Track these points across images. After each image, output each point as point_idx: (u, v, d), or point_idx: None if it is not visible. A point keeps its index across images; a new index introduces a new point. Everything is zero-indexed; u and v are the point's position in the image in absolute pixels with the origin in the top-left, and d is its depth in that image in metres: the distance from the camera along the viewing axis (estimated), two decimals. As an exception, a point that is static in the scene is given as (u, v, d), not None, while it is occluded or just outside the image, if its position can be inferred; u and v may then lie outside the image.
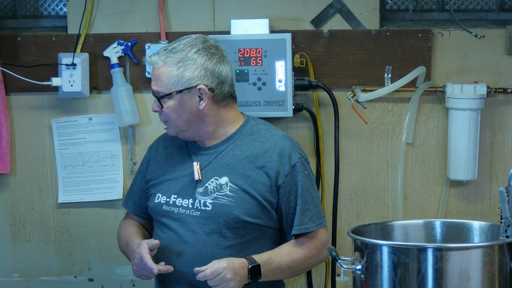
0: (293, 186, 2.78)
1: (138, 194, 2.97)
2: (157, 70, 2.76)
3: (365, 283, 2.33)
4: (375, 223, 2.62)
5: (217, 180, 2.77)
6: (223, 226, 2.73)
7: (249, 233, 2.76)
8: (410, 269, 2.23)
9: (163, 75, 2.74)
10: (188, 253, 2.74)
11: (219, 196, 2.75)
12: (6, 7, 3.58)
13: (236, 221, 2.72)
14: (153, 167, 2.91)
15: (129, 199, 3.02)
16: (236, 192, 2.75)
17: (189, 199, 2.77)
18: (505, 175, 3.38)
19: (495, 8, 3.50)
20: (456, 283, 2.21)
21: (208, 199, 2.75)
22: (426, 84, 3.30)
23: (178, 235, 2.76)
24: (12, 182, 3.47)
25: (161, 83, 2.75)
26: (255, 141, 2.81)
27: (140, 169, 2.99)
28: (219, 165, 2.79)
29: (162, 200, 2.81)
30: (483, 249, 2.24)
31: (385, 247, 2.28)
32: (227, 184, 2.75)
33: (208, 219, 2.74)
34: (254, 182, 2.75)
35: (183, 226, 2.76)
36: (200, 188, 2.77)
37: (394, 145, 3.40)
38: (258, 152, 2.78)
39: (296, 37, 3.33)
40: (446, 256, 2.21)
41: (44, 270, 3.51)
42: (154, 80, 2.77)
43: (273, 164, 2.76)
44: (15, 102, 3.44)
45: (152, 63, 2.76)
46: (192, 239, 2.74)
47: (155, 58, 2.75)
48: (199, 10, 3.38)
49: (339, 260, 2.39)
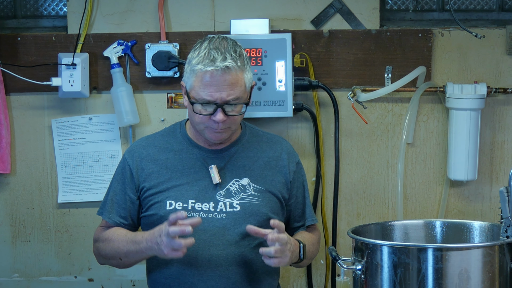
0: (300, 181, 2.89)
1: (123, 206, 2.80)
2: (233, 76, 2.62)
3: (365, 283, 2.33)
4: (375, 223, 2.63)
5: (238, 182, 2.76)
6: (254, 225, 2.68)
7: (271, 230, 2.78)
8: (410, 269, 2.23)
9: (241, 81, 2.63)
10: (221, 256, 2.70)
11: (245, 196, 2.74)
12: (6, 7, 3.58)
13: (266, 219, 2.72)
14: (148, 175, 2.78)
15: (111, 212, 2.80)
16: (260, 191, 2.77)
17: (209, 203, 2.72)
18: (505, 175, 3.38)
19: (495, 8, 3.50)
20: (456, 283, 2.21)
21: (234, 200, 2.73)
22: (426, 84, 3.30)
23: (204, 240, 2.69)
24: (12, 182, 3.47)
25: (240, 88, 2.63)
26: (261, 143, 2.85)
27: (121, 180, 2.81)
28: (236, 167, 2.78)
29: (177, 207, 2.72)
30: (483, 249, 2.25)
31: (385, 247, 2.28)
32: (249, 185, 2.76)
33: (238, 220, 2.72)
34: (273, 181, 2.80)
35: (208, 230, 2.70)
36: (222, 190, 2.74)
37: (394, 145, 3.40)
38: (269, 153, 2.84)
39: (296, 37, 3.33)
40: (446, 256, 2.21)
41: (44, 270, 3.51)
42: (229, 88, 2.61)
43: (285, 162, 2.84)
44: (15, 102, 3.44)
45: (231, 69, 2.60)
46: (223, 242, 2.70)
47: (230, 63, 2.60)
48: (199, 10, 3.38)
49: (339, 260, 2.39)
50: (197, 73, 2.63)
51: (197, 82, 2.63)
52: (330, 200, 3.39)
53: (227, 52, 2.63)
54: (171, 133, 2.86)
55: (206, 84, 2.62)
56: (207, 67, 2.61)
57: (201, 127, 2.70)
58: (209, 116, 2.65)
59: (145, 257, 2.71)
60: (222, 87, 2.62)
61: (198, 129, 2.72)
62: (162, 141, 2.84)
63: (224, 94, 2.62)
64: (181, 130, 2.84)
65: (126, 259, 2.73)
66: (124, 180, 2.81)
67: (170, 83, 3.38)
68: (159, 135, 2.88)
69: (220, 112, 2.63)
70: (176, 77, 3.34)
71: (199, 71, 2.62)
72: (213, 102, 2.63)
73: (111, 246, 2.74)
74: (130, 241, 2.68)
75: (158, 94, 3.41)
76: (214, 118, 2.64)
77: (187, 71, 2.69)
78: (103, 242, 2.78)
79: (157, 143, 2.83)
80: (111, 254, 2.76)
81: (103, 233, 2.80)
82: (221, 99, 2.62)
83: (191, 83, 2.66)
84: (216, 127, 2.66)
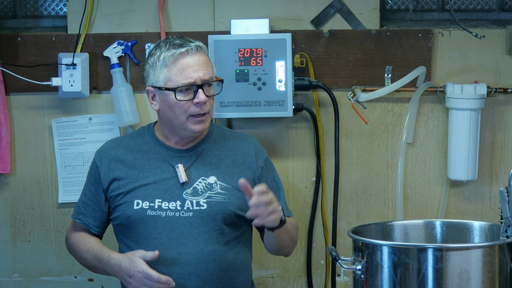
0: (271, 177, 2.89)
1: (95, 208, 2.84)
2: (205, 56, 2.75)
3: (365, 283, 2.33)
4: (375, 223, 2.63)
5: (205, 180, 2.78)
6: (221, 222, 2.75)
7: (241, 227, 2.81)
8: (410, 269, 2.23)
9: (209, 63, 2.76)
10: (189, 254, 2.72)
11: (212, 194, 2.76)
12: (6, 7, 3.58)
13: (232, 217, 2.76)
14: (115, 175, 2.81)
15: (86, 214, 2.85)
16: (227, 189, 2.78)
17: (176, 201, 2.75)
18: (505, 175, 3.38)
19: (495, 8, 3.50)
20: (456, 283, 2.21)
21: (200, 198, 2.76)
22: (426, 84, 3.30)
23: (172, 239, 2.73)
24: (12, 182, 3.47)
25: (211, 69, 2.76)
26: (228, 141, 2.87)
27: (91, 181, 2.85)
28: (203, 165, 2.80)
29: (144, 206, 2.75)
30: (483, 249, 2.25)
31: (385, 247, 2.28)
32: (216, 183, 2.78)
33: (205, 217, 2.74)
34: (240, 178, 2.76)
35: (176, 229, 2.73)
36: (188, 189, 2.76)
37: (394, 145, 3.39)
38: (236, 150, 2.86)
39: (296, 37, 3.33)
40: (446, 256, 2.21)
41: (44, 270, 3.51)
42: (204, 67, 2.72)
43: (252, 158, 2.85)
44: (15, 102, 3.44)
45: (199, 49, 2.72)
46: (191, 240, 2.73)
47: (198, 45, 2.73)
48: (199, 10, 3.38)
49: (339, 260, 2.39)
50: (169, 62, 2.71)
51: (172, 70, 2.71)
52: (330, 200, 3.39)
53: (188, 38, 2.76)
54: (139, 135, 2.90)
55: (183, 67, 2.71)
56: (180, 49, 2.71)
57: (182, 119, 2.73)
58: (190, 101, 2.71)
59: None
60: (198, 66, 2.71)
61: (179, 123, 2.75)
62: (130, 142, 2.87)
63: (201, 73, 2.71)
64: (149, 132, 2.88)
65: (94, 270, 2.85)
66: (93, 181, 2.86)
67: (170, 83, 3.37)
68: (127, 137, 2.93)
69: (201, 92, 2.71)
70: (176, 77, 3.34)
71: (171, 58, 2.71)
72: (193, 84, 2.70)
73: (79, 255, 2.85)
74: (95, 257, 2.79)
75: (158, 94, 3.40)
76: (197, 99, 2.70)
77: (156, 70, 2.74)
78: (72, 246, 2.88)
79: (125, 144, 2.87)
80: (80, 262, 2.88)
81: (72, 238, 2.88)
82: (199, 79, 2.71)
83: (164, 76, 2.72)
84: (199, 110, 2.71)
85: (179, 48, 2.71)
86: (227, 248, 2.76)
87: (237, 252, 2.80)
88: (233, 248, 2.78)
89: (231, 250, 2.77)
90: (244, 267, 2.83)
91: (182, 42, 2.73)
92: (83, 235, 2.86)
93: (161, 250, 2.70)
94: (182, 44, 2.72)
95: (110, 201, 2.83)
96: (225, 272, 2.75)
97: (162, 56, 2.72)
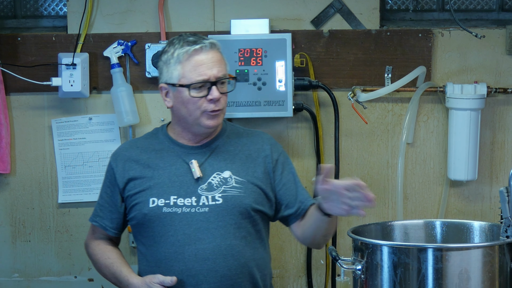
0: (288, 169, 2.87)
1: (111, 209, 2.86)
2: (219, 54, 2.75)
3: (365, 283, 2.33)
4: (375, 223, 2.62)
5: (219, 175, 2.78)
6: (238, 216, 2.74)
7: (259, 221, 2.80)
8: (410, 269, 2.23)
9: (223, 60, 2.76)
10: (206, 250, 2.71)
11: (227, 189, 2.76)
12: (6, 7, 3.58)
13: (249, 210, 2.75)
14: (131, 175, 2.81)
15: (103, 217, 2.87)
16: (242, 183, 2.77)
17: (191, 197, 2.75)
18: (505, 175, 3.38)
19: (495, 8, 3.50)
20: (456, 283, 2.21)
21: (216, 193, 2.75)
22: (426, 84, 3.30)
23: (189, 235, 2.72)
24: (12, 182, 3.47)
25: (225, 67, 2.76)
26: (242, 137, 2.87)
27: (107, 184, 2.87)
28: (217, 161, 2.80)
29: (160, 203, 2.75)
30: (483, 249, 2.25)
31: (385, 247, 2.28)
32: (231, 177, 2.78)
33: (221, 212, 2.73)
34: (255, 172, 2.80)
35: (192, 225, 2.72)
36: (203, 184, 2.76)
37: (394, 145, 3.40)
38: (250, 146, 2.86)
39: (296, 37, 3.33)
40: (446, 256, 2.21)
41: (44, 270, 3.51)
42: (218, 64, 2.72)
43: (267, 152, 2.84)
44: (15, 102, 3.44)
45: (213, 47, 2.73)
46: (208, 235, 2.71)
47: (212, 42, 2.73)
48: (199, 10, 3.38)
49: (339, 260, 2.39)
50: (183, 59, 2.71)
51: (186, 66, 2.72)
52: (330, 200, 3.39)
53: (201, 36, 2.77)
54: (153, 135, 2.90)
55: (197, 64, 2.71)
56: (194, 46, 2.71)
57: (196, 114, 2.73)
58: (204, 98, 2.71)
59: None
60: (212, 64, 2.71)
61: (193, 119, 2.75)
62: (144, 142, 2.88)
63: (215, 70, 2.71)
64: (162, 132, 2.88)
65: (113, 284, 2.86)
66: (109, 183, 2.87)
67: (170, 83, 3.37)
68: (142, 138, 2.94)
69: (215, 89, 2.71)
70: (176, 77, 3.34)
71: (185, 55, 2.71)
72: (207, 81, 2.70)
73: (98, 268, 2.89)
74: (114, 276, 2.81)
75: (158, 94, 3.37)
76: (210, 96, 2.70)
77: (169, 66, 2.74)
78: (92, 258, 2.91)
79: (140, 144, 2.88)
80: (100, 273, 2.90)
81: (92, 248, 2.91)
82: (213, 76, 2.71)
83: (178, 72, 2.72)
84: (213, 107, 2.71)
85: (193, 45, 2.71)
86: (245, 243, 2.74)
87: (255, 248, 2.78)
88: (250, 243, 2.76)
89: (249, 245, 2.75)
90: (263, 264, 2.81)
91: (196, 39, 2.74)
92: (103, 247, 2.88)
93: (178, 246, 2.71)
94: (196, 41, 2.73)
95: (127, 201, 2.83)
96: (244, 267, 2.73)
97: (176, 53, 2.72)
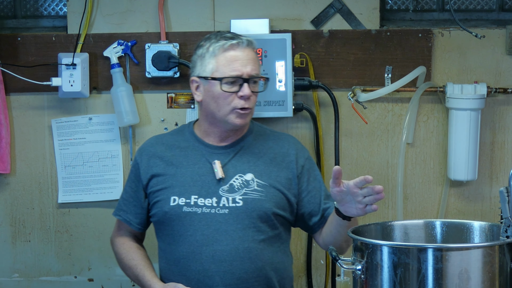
0: (313, 176, 2.87)
1: (136, 204, 2.88)
2: (254, 52, 2.77)
3: (365, 283, 2.33)
4: (375, 223, 2.62)
5: (241, 177, 2.78)
6: (257, 220, 2.73)
7: (279, 226, 2.79)
8: (410, 269, 2.23)
9: (257, 60, 2.78)
10: (224, 251, 2.71)
11: (248, 191, 2.75)
12: (6, 7, 3.58)
13: (269, 214, 2.75)
14: (154, 171, 2.83)
15: (126, 211, 2.90)
16: (264, 186, 2.77)
17: (212, 198, 2.75)
18: (505, 175, 3.38)
19: (495, 8, 3.50)
20: (456, 283, 2.21)
21: (237, 195, 2.75)
22: (426, 84, 3.30)
23: (207, 236, 2.72)
24: (12, 182, 3.47)
25: (258, 66, 2.78)
26: (268, 140, 2.87)
27: (132, 178, 2.90)
28: (240, 162, 2.80)
29: (181, 202, 2.75)
30: (483, 249, 2.24)
31: (385, 247, 2.28)
32: (253, 180, 2.77)
33: (240, 214, 2.73)
34: (278, 177, 2.80)
35: (211, 226, 2.72)
36: (225, 186, 2.76)
37: (394, 145, 3.39)
38: (276, 149, 2.85)
39: (296, 37, 3.33)
40: (446, 256, 2.21)
41: (44, 270, 3.51)
42: (252, 63, 2.74)
43: (292, 157, 2.84)
44: (15, 102, 3.44)
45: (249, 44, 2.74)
46: (226, 237, 2.71)
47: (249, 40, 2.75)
48: (199, 10, 3.38)
49: (339, 260, 2.38)
50: (219, 52, 2.73)
51: (221, 60, 2.73)
52: (330, 200, 3.39)
53: (238, 34, 2.79)
54: (179, 132, 2.91)
55: (232, 59, 2.72)
56: (231, 41, 2.72)
57: (225, 110, 2.74)
58: (235, 94, 2.71)
59: None
60: (247, 61, 2.73)
61: (221, 115, 2.75)
62: (170, 139, 2.89)
63: (248, 68, 2.72)
64: (189, 129, 2.89)
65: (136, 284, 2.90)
66: (133, 178, 2.89)
67: (170, 83, 3.38)
68: (168, 134, 2.95)
69: (247, 86, 2.72)
70: (176, 77, 3.34)
71: (221, 49, 2.72)
72: (240, 77, 2.71)
73: (122, 268, 2.92)
74: (137, 279, 2.84)
75: (158, 94, 3.41)
76: (241, 93, 2.71)
77: (204, 60, 2.75)
78: (117, 256, 2.93)
79: (165, 141, 2.89)
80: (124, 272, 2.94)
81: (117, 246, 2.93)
82: (246, 73, 2.72)
83: (212, 66, 2.74)
84: (242, 104, 2.72)
85: (230, 40, 2.73)
86: (263, 246, 2.74)
87: (274, 251, 2.77)
88: (269, 247, 2.75)
89: (267, 249, 2.75)
90: (282, 268, 2.80)
91: (233, 35, 2.76)
92: (127, 246, 2.90)
93: (196, 246, 2.71)
94: (233, 37, 2.75)
95: (149, 197, 2.84)
96: (261, 270, 2.73)
97: (212, 46, 2.74)
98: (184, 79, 3.36)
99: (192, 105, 3.40)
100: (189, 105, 3.41)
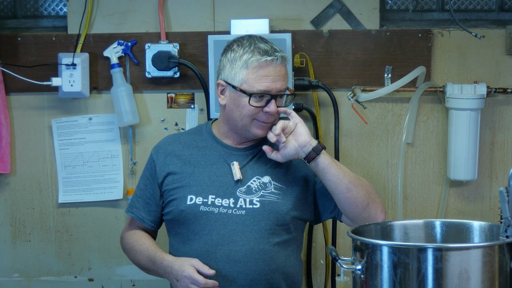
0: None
1: (149, 202, 2.87)
2: (285, 68, 2.74)
3: (365, 283, 2.33)
4: (375, 223, 2.62)
5: (259, 179, 2.78)
6: (273, 222, 2.73)
7: (293, 230, 2.80)
8: (410, 269, 2.23)
9: (287, 75, 2.76)
10: (239, 252, 2.71)
11: (265, 193, 2.76)
12: (6, 7, 3.58)
13: (285, 217, 2.75)
14: (171, 170, 2.82)
15: (139, 208, 2.88)
16: (281, 189, 2.77)
17: (229, 199, 2.75)
18: (505, 175, 3.38)
19: (495, 8, 3.50)
20: (456, 283, 2.21)
21: (254, 197, 2.75)
22: (426, 84, 3.30)
23: (223, 236, 2.72)
24: (12, 182, 3.48)
25: (287, 81, 2.75)
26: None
27: (147, 175, 2.88)
28: (258, 165, 2.80)
29: (198, 201, 2.75)
30: (483, 249, 2.24)
31: (385, 247, 2.28)
32: (270, 183, 2.78)
33: (257, 216, 2.73)
34: (295, 178, 2.80)
35: (227, 226, 2.72)
36: (242, 187, 2.76)
37: (394, 145, 3.40)
38: None
39: (296, 37, 3.33)
40: (446, 256, 2.21)
41: (44, 270, 3.51)
42: (283, 78, 2.71)
43: None
44: (15, 102, 3.44)
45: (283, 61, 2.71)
46: (242, 238, 2.71)
47: (283, 53, 2.72)
48: (199, 10, 3.38)
49: (339, 260, 2.38)
50: (252, 66, 2.70)
51: (252, 74, 2.70)
52: (330, 200, 3.39)
53: (272, 44, 2.74)
54: (197, 132, 2.91)
55: (264, 75, 2.70)
56: (266, 57, 2.69)
57: (247, 121, 2.73)
58: (260, 108, 2.70)
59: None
60: (278, 77, 2.71)
61: (243, 124, 2.74)
62: (188, 138, 2.89)
63: (278, 84, 2.70)
64: (207, 129, 2.89)
65: (147, 272, 2.84)
66: (148, 175, 2.88)
67: (170, 83, 3.38)
68: (185, 133, 2.94)
69: (274, 102, 2.70)
70: (176, 77, 3.35)
71: (255, 63, 2.69)
72: (268, 93, 2.69)
73: (133, 256, 2.86)
74: (149, 259, 2.78)
75: (158, 94, 3.41)
76: (267, 109, 2.70)
77: (234, 67, 2.72)
78: (126, 247, 2.89)
79: (183, 140, 2.88)
80: (134, 263, 2.88)
81: (127, 238, 2.89)
82: (276, 90, 2.70)
83: (242, 77, 2.70)
84: (265, 119, 2.72)
85: (266, 55, 2.69)
86: (277, 249, 2.74)
87: (287, 255, 2.78)
88: (283, 250, 2.76)
89: (281, 252, 2.75)
90: (294, 272, 2.80)
91: (268, 49, 2.71)
92: (138, 235, 2.87)
93: (211, 246, 2.71)
94: (268, 52, 2.70)
95: (164, 195, 2.83)
96: (275, 273, 2.73)
97: (245, 57, 2.71)
98: (184, 79, 3.36)
99: (192, 105, 3.40)
100: (189, 105, 3.41)
